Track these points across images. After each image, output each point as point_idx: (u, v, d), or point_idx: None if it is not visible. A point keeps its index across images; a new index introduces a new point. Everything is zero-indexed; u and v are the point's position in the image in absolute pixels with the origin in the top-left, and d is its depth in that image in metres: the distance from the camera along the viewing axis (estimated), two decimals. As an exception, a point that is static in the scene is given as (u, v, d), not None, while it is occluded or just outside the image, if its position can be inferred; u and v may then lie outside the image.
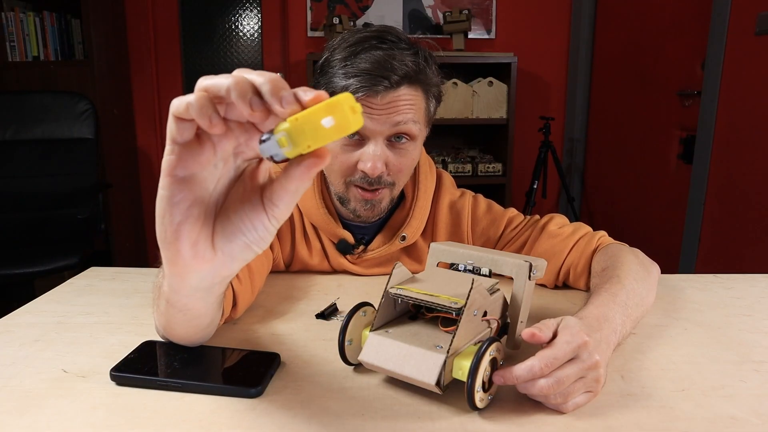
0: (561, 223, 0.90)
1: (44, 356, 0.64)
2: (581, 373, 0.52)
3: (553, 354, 0.51)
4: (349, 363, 0.60)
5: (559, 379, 0.51)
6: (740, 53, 2.01)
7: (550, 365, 0.51)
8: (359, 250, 0.93)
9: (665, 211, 2.53)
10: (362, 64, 0.77)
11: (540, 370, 0.50)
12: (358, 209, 0.86)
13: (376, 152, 0.79)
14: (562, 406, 0.52)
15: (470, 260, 0.66)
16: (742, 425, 0.51)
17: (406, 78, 0.79)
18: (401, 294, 0.57)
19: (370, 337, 0.57)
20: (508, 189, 2.96)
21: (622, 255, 0.78)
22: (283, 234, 0.94)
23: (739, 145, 2.03)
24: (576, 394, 0.52)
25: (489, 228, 0.94)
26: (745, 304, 0.82)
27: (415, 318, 0.61)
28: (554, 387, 0.51)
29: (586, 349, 0.52)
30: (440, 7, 3.10)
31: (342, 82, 0.77)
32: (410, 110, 0.80)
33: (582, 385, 0.53)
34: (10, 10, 2.59)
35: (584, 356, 0.52)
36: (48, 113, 2.36)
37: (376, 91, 0.77)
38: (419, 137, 0.84)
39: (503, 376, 0.52)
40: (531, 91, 3.22)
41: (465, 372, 0.51)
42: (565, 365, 0.51)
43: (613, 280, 0.71)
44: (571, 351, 0.52)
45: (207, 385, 0.55)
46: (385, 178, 0.83)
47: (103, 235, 2.40)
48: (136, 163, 3.17)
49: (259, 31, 3.14)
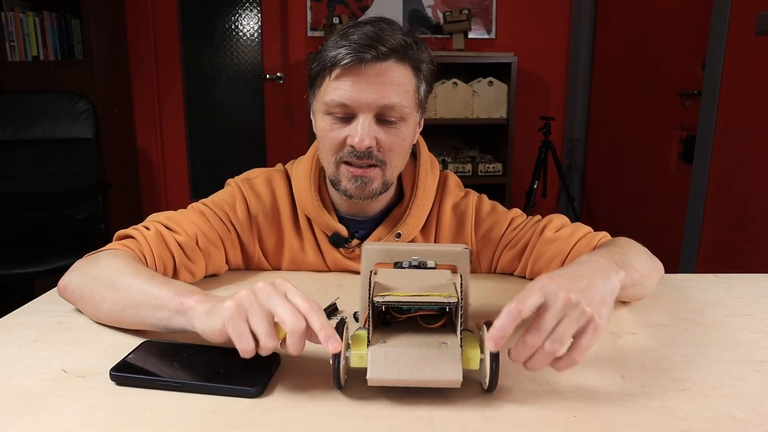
0: (560, 224, 0.90)
1: (44, 356, 0.64)
2: (558, 314, 0.53)
3: (520, 296, 0.53)
4: (341, 386, 0.56)
5: (538, 326, 0.52)
6: (740, 53, 2.01)
7: (520, 304, 0.52)
8: (353, 244, 0.92)
9: (665, 211, 2.53)
10: (352, 37, 0.79)
11: (515, 309, 0.52)
12: (348, 188, 0.85)
13: (364, 126, 0.80)
14: (568, 356, 0.53)
15: (414, 256, 0.64)
16: (743, 425, 0.51)
17: (395, 52, 0.79)
18: (389, 301, 0.55)
19: (371, 352, 0.54)
20: (508, 189, 2.96)
21: (625, 239, 0.81)
22: (264, 231, 0.94)
23: (739, 145, 2.03)
24: (560, 334, 0.52)
25: (492, 229, 0.94)
26: (745, 304, 0.82)
27: (389, 323, 0.59)
28: (535, 333, 0.52)
29: (552, 290, 0.53)
30: (440, 7, 3.10)
31: (331, 52, 0.79)
32: (399, 87, 0.80)
33: (568, 323, 0.53)
34: (9, 9, 2.59)
35: (552, 297, 0.53)
36: (48, 113, 2.36)
37: (363, 59, 0.77)
38: (410, 118, 0.84)
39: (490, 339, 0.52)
40: (531, 91, 3.22)
41: (475, 361, 0.54)
42: (539, 314, 0.53)
43: (609, 245, 0.75)
44: (536, 292, 0.53)
45: (207, 385, 0.55)
46: (376, 154, 0.82)
47: (103, 235, 2.40)
48: (136, 163, 3.17)
49: (259, 31, 3.14)
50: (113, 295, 0.67)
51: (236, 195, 0.93)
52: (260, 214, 0.93)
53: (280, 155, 3.22)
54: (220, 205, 0.91)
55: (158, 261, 0.80)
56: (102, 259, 0.73)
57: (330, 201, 0.94)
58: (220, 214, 0.90)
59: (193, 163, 3.28)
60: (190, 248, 0.84)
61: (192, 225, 0.86)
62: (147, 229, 0.83)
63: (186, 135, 3.23)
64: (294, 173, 0.95)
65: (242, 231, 0.92)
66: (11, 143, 2.35)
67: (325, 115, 0.83)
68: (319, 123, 0.85)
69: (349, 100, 0.79)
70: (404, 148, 0.86)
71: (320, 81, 0.83)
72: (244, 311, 0.54)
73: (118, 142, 2.92)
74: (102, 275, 0.70)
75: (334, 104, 0.80)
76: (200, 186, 3.29)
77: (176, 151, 3.24)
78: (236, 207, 0.92)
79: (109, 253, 0.75)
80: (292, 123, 3.20)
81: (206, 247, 0.87)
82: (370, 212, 0.93)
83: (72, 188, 2.34)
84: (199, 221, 0.88)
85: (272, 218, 0.94)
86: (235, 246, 0.92)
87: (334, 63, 0.79)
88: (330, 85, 0.81)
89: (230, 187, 0.95)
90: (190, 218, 0.87)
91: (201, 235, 0.86)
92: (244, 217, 0.92)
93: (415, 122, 0.87)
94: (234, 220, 0.92)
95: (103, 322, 0.71)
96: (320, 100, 0.83)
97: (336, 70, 0.79)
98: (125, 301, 0.66)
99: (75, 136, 2.36)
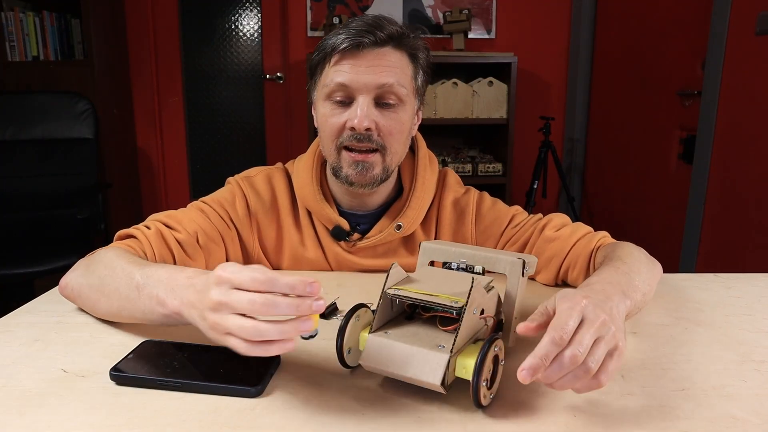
0: (561, 223, 0.90)
1: (44, 356, 0.64)
2: (596, 333, 0.50)
3: (560, 322, 0.50)
4: (348, 366, 0.59)
5: (579, 341, 0.49)
6: (740, 53, 2.01)
7: (563, 331, 0.49)
8: (354, 238, 0.93)
9: (665, 211, 2.53)
10: (351, 25, 0.83)
11: (560, 338, 0.49)
12: (349, 174, 0.86)
13: (363, 107, 0.82)
14: (595, 379, 0.50)
15: (463, 258, 0.65)
16: (743, 425, 0.51)
17: (392, 39, 0.83)
18: (400, 294, 0.57)
19: (369, 339, 0.56)
20: (508, 189, 2.96)
21: (624, 245, 0.80)
22: (264, 228, 0.94)
23: (739, 145, 2.03)
24: (599, 355, 0.50)
25: (492, 225, 0.94)
26: (745, 304, 0.82)
27: (412, 318, 0.60)
28: (577, 351, 0.48)
29: (590, 309, 0.51)
30: (440, 7, 3.10)
31: (331, 40, 0.83)
32: (396, 70, 0.83)
33: (604, 345, 0.50)
34: (9, 9, 2.59)
35: (591, 316, 0.51)
36: (48, 113, 2.36)
37: (361, 43, 0.81)
38: (408, 102, 0.86)
39: (530, 368, 0.48)
40: (531, 91, 3.22)
41: (469, 370, 0.51)
42: (577, 330, 0.50)
43: (615, 260, 0.72)
44: (576, 314, 0.51)
45: (207, 385, 0.55)
46: (375, 138, 0.84)
47: (103, 235, 2.40)
48: (135, 163, 3.17)
49: (259, 31, 3.14)
50: (107, 295, 0.68)
51: (236, 192, 0.93)
52: (260, 211, 0.94)
53: (280, 155, 3.22)
54: (219, 202, 0.92)
55: (159, 259, 0.81)
56: (102, 257, 0.74)
57: (331, 195, 0.94)
58: (219, 211, 0.91)
59: (193, 163, 3.28)
60: (190, 246, 0.85)
61: (192, 223, 0.87)
62: (147, 228, 0.83)
63: (186, 135, 3.23)
64: (295, 168, 0.96)
65: (242, 228, 0.93)
66: (11, 143, 2.35)
67: (325, 101, 0.85)
68: (320, 110, 0.87)
69: (348, 80, 0.82)
70: (403, 133, 0.88)
71: (320, 69, 0.86)
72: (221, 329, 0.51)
73: (118, 142, 2.92)
74: (99, 274, 0.70)
75: (334, 84, 0.83)
76: (200, 186, 3.29)
77: (176, 151, 3.24)
78: (236, 204, 0.92)
79: (109, 251, 0.76)
80: (292, 123, 3.20)
81: (206, 244, 0.87)
82: (371, 206, 0.94)
83: (72, 188, 2.35)
84: (200, 219, 0.88)
85: (272, 215, 0.94)
86: (234, 243, 0.93)
87: (334, 48, 0.82)
88: (330, 70, 0.84)
89: (230, 185, 0.95)
90: (190, 216, 0.88)
91: (201, 232, 0.87)
92: (244, 213, 0.93)
93: (413, 109, 0.89)
94: (234, 217, 0.92)
95: (103, 318, 0.72)
96: (321, 86, 0.86)
97: (335, 56, 0.83)
98: (119, 303, 0.67)
99: (75, 136, 2.36)
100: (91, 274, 0.72)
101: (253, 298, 0.50)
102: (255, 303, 0.49)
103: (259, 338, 0.50)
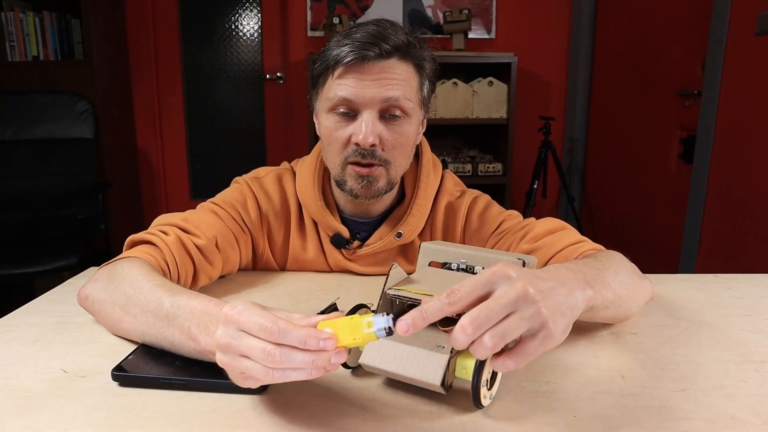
0: (546, 230, 0.84)
1: (44, 356, 0.64)
2: (508, 306, 0.44)
3: (459, 286, 0.45)
4: (348, 366, 0.59)
5: (460, 298, 0.45)
6: (740, 53, 2.01)
7: (453, 292, 0.45)
8: (354, 245, 0.92)
9: (665, 211, 2.53)
10: (355, 35, 0.80)
11: (446, 297, 0.45)
12: (354, 188, 0.85)
13: (368, 123, 0.80)
14: (508, 357, 0.45)
15: (463, 259, 0.65)
16: (743, 425, 0.51)
17: (398, 50, 0.80)
18: (400, 295, 0.57)
19: None
20: (508, 189, 2.96)
21: (611, 252, 0.74)
22: (274, 230, 0.94)
23: (739, 145, 2.03)
24: (504, 329, 0.44)
25: (479, 231, 0.93)
26: (745, 304, 0.82)
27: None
28: (446, 307, 0.45)
29: (509, 282, 0.45)
30: (440, 7, 3.10)
31: (334, 51, 0.80)
32: (402, 83, 0.81)
33: (517, 320, 0.44)
34: (9, 9, 2.59)
35: (506, 287, 0.45)
36: (48, 113, 2.36)
37: (366, 57, 0.78)
38: (413, 115, 0.84)
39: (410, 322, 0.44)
40: (531, 91, 3.22)
41: (469, 371, 0.51)
42: (505, 320, 0.44)
43: (590, 258, 0.67)
44: (482, 281, 0.46)
45: (211, 382, 0.55)
46: (380, 153, 0.82)
47: (103, 235, 2.40)
48: (135, 163, 3.17)
49: (259, 31, 3.14)
50: (132, 315, 0.64)
51: (246, 193, 0.92)
52: (270, 213, 0.93)
53: (280, 155, 3.21)
54: (231, 204, 0.90)
55: (180, 268, 0.78)
56: (125, 272, 0.69)
57: (334, 202, 0.94)
58: (233, 213, 0.89)
59: (193, 163, 3.28)
60: (210, 251, 0.83)
61: (210, 227, 0.84)
62: (165, 233, 0.79)
63: (186, 135, 3.23)
64: (298, 173, 0.95)
65: (254, 230, 0.92)
66: (11, 143, 2.35)
67: (328, 113, 0.83)
68: (323, 122, 0.85)
69: (353, 95, 0.80)
70: (408, 147, 0.86)
71: (323, 80, 0.84)
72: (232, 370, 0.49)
73: (118, 142, 2.92)
74: (124, 291, 0.66)
75: (338, 99, 0.80)
76: (200, 186, 3.29)
77: (176, 151, 3.24)
78: (248, 206, 0.91)
79: (132, 266, 0.70)
80: (292, 123, 3.20)
81: (224, 248, 0.86)
82: (374, 213, 0.93)
83: (72, 188, 2.35)
84: (216, 222, 0.86)
85: (281, 217, 0.94)
86: (247, 245, 0.92)
87: (337, 61, 0.79)
88: (333, 83, 0.81)
89: (239, 185, 0.93)
90: (206, 220, 0.85)
91: (220, 236, 0.85)
92: (256, 215, 0.92)
93: (418, 120, 0.87)
94: (246, 219, 0.91)
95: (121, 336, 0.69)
96: (323, 98, 0.84)
97: (339, 68, 0.80)
98: (144, 329, 0.63)
99: (75, 136, 2.37)
100: (115, 290, 0.67)
101: (268, 350, 0.46)
102: (270, 355, 0.45)
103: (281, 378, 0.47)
